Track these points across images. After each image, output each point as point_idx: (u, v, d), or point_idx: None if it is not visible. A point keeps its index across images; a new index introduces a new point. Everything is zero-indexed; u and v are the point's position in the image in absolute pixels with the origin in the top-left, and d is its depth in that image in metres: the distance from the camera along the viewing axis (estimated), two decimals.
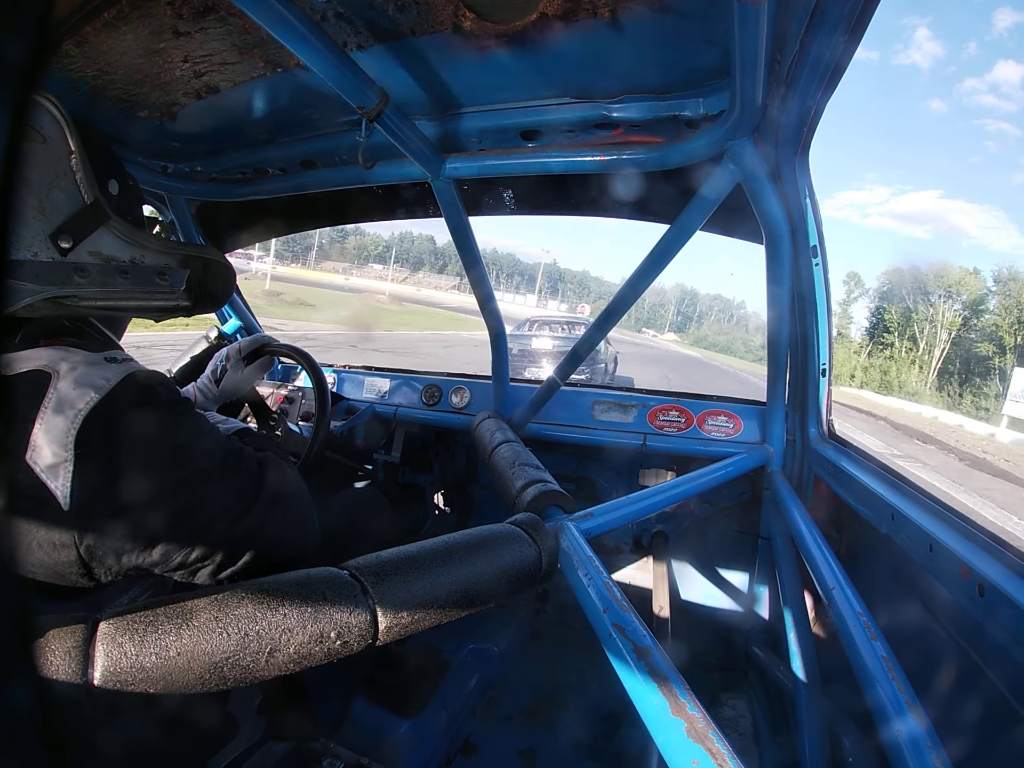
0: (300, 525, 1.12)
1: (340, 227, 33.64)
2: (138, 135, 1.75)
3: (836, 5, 0.96)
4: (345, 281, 73.15)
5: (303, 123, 1.66)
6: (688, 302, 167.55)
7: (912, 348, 55.30)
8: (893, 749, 0.89)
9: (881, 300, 65.85)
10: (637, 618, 0.98)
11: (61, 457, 0.83)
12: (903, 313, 59.18)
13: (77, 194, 0.91)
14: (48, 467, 0.83)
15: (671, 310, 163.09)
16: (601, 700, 2.16)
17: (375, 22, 1.18)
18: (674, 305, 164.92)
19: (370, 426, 2.67)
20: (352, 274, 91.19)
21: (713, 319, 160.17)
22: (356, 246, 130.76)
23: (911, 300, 58.20)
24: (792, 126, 1.31)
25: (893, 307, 60.84)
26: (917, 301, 57.37)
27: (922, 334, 55.14)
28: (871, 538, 1.59)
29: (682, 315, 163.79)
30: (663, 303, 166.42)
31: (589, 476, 2.67)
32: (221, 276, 1.12)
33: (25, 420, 0.84)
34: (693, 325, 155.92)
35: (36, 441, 0.83)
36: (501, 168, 1.63)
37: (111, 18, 1.19)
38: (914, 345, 55.12)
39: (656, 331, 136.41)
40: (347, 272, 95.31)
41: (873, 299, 69.44)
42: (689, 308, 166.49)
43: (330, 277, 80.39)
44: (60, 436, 0.83)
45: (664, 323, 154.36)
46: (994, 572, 0.96)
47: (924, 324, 55.24)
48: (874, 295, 69.06)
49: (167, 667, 0.73)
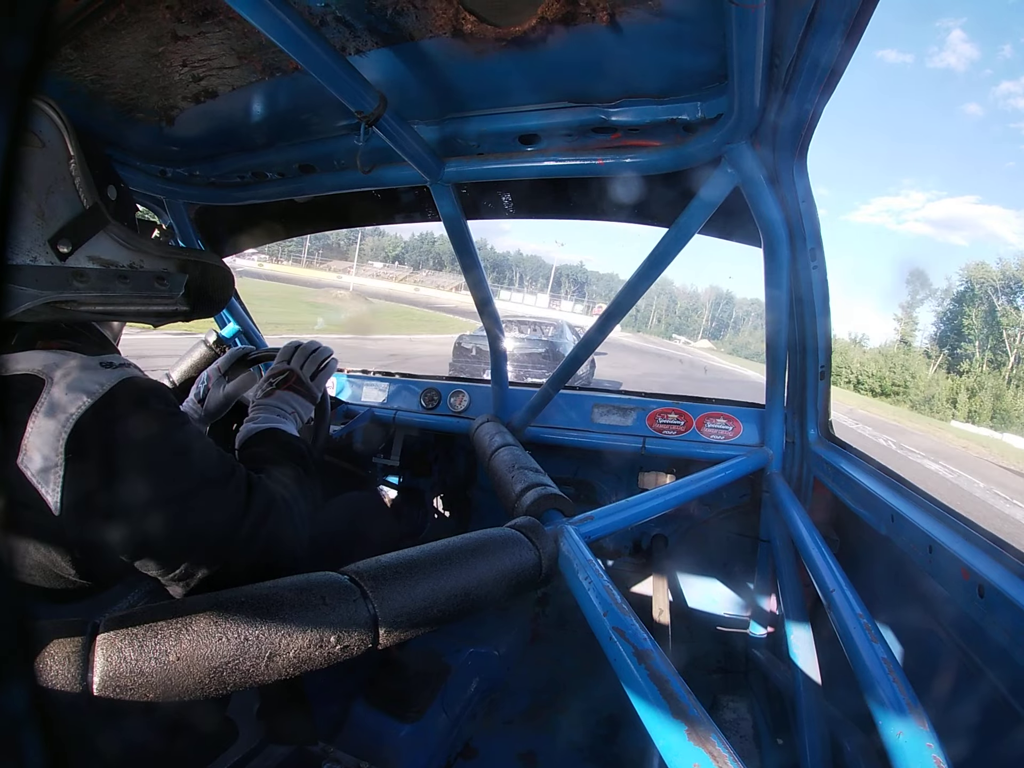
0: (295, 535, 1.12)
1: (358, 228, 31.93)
2: (137, 139, 1.75)
3: (833, 9, 0.96)
4: (338, 279, 71.96)
5: (301, 127, 1.66)
6: (724, 306, 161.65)
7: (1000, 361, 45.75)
8: (894, 751, 0.89)
9: (955, 302, 59.40)
10: (637, 621, 0.98)
11: (52, 462, 0.83)
12: (984, 317, 52.20)
13: (76, 199, 0.91)
14: (39, 472, 0.82)
15: (705, 315, 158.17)
16: (601, 703, 2.16)
17: (374, 26, 1.19)
18: (708, 310, 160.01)
19: (369, 430, 2.67)
20: (348, 271, 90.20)
21: (750, 324, 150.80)
22: (373, 247, 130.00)
23: (1001, 301, 51.53)
24: (790, 129, 1.31)
25: (973, 310, 53.90)
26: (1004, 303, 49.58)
27: (1013, 342, 48.23)
28: (871, 540, 1.59)
29: (717, 320, 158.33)
30: (696, 308, 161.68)
31: (589, 479, 2.67)
32: (220, 281, 1.12)
33: (17, 424, 0.84)
34: (729, 331, 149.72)
35: (28, 445, 0.83)
36: (500, 172, 1.63)
37: (110, 22, 1.19)
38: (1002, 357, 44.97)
39: (688, 337, 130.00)
40: (342, 271, 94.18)
41: (942, 301, 63.77)
42: (724, 313, 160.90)
43: (319, 275, 78.78)
44: (51, 441, 0.83)
45: (697, 329, 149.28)
46: (994, 573, 0.96)
47: (1015, 331, 48.31)
48: (942, 297, 63.26)
49: (166, 672, 0.73)
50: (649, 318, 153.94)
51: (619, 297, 1.79)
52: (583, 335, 2.03)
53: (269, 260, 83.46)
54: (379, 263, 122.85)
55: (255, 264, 53.72)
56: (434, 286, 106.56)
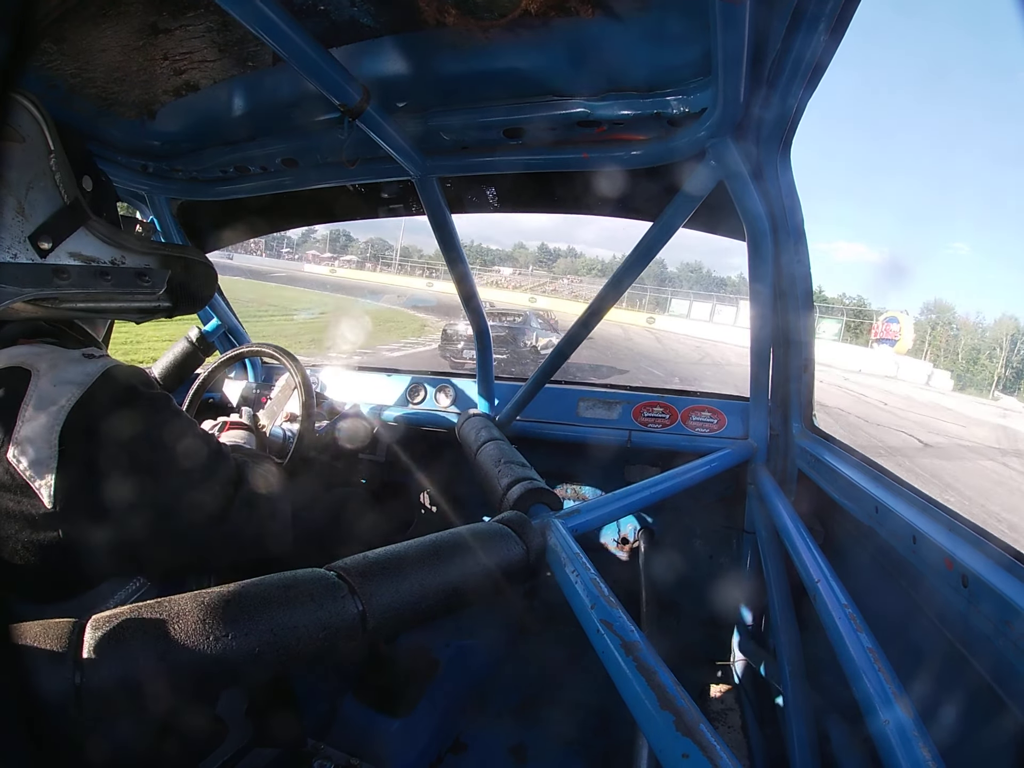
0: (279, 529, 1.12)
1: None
2: (117, 134, 1.73)
3: (818, 3, 0.96)
4: (330, 275, 70.92)
5: (284, 121, 1.64)
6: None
7: None
8: (880, 739, 0.90)
9: None
10: (624, 613, 0.98)
11: (45, 454, 0.82)
12: None
13: (56, 194, 0.90)
14: (32, 464, 0.81)
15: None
16: (590, 695, 2.17)
17: (357, 18, 1.18)
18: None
19: (354, 426, 2.65)
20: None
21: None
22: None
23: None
24: (774, 124, 1.32)
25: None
26: None
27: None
28: (855, 531, 1.61)
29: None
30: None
31: (575, 473, 2.68)
32: (203, 276, 1.11)
33: (6, 417, 0.83)
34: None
35: (19, 438, 0.82)
36: (484, 165, 1.63)
37: (90, 15, 1.17)
38: None
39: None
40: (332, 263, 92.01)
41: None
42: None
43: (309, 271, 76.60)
44: (44, 433, 0.82)
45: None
46: (977, 563, 0.97)
47: None
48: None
49: (154, 671, 0.72)
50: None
51: (603, 292, 1.80)
52: (567, 331, 2.04)
53: (351, 265, 75.98)
54: (507, 268, 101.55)
55: (326, 271, 51.29)
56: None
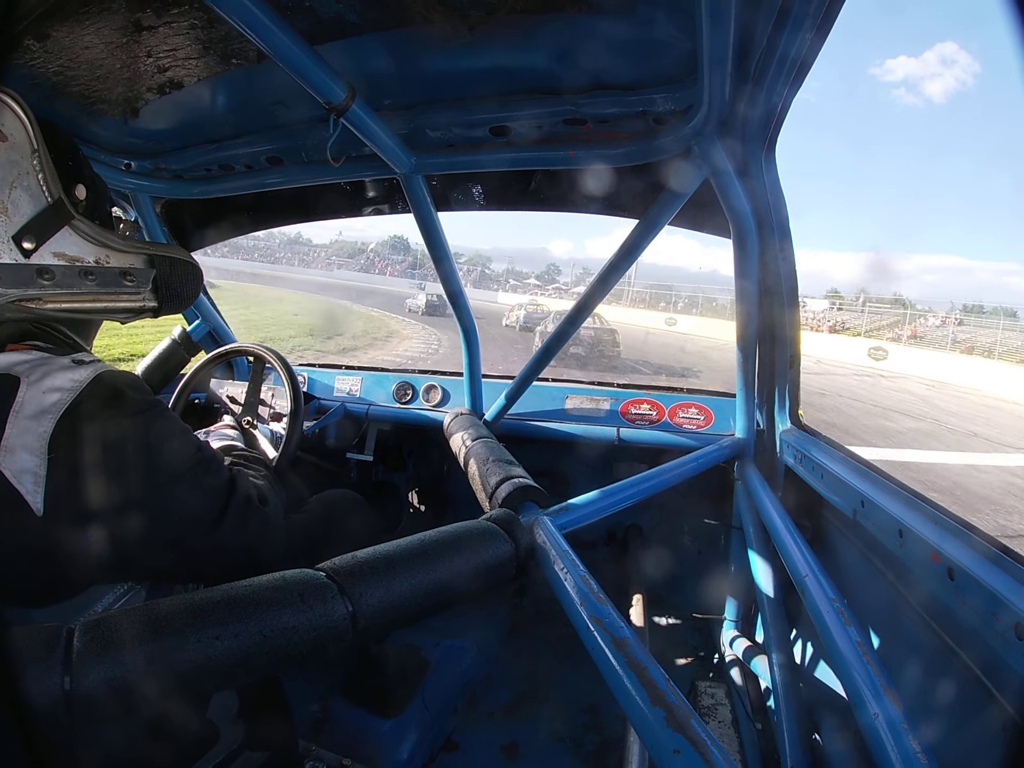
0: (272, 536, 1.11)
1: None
2: (101, 132, 1.71)
3: (803, 2, 0.97)
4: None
5: (269, 119, 1.64)
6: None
7: None
8: (870, 732, 0.91)
9: None
10: (614, 610, 0.98)
11: (34, 462, 0.81)
12: None
13: (40, 194, 0.88)
14: (20, 472, 0.81)
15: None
16: (581, 692, 2.18)
17: (342, 15, 1.17)
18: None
19: (342, 425, 2.65)
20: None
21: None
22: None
23: None
24: (759, 122, 1.33)
25: None
26: None
27: None
28: (842, 525, 1.62)
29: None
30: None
31: (563, 471, 2.68)
32: (188, 275, 1.10)
33: None
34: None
35: (8, 446, 0.81)
36: (470, 163, 1.63)
37: (74, 12, 1.16)
38: None
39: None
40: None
41: None
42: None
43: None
44: (32, 440, 0.81)
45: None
46: (963, 556, 0.98)
47: None
48: None
49: (144, 674, 0.72)
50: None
51: (590, 289, 1.81)
52: (555, 328, 2.04)
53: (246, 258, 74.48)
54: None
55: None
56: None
